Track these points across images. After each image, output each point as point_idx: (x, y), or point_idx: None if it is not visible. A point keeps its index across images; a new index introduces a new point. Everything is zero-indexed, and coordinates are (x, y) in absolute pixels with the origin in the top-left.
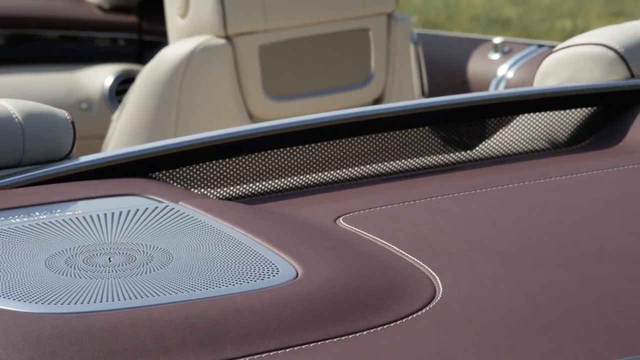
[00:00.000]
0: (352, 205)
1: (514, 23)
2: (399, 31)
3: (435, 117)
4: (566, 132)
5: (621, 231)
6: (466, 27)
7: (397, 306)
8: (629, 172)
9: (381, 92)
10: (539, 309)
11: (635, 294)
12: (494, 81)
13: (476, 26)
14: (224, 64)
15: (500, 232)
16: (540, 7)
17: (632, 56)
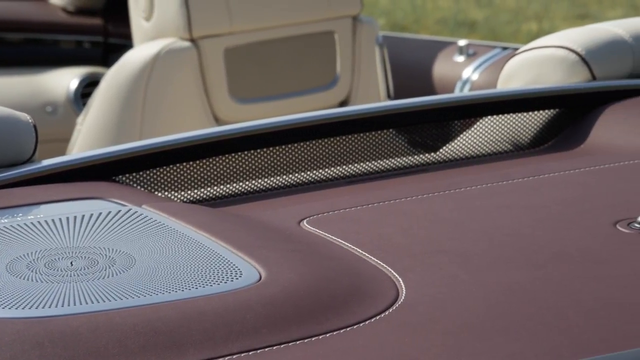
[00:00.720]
0: (316, 208)
1: (481, 25)
2: (364, 34)
3: (400, 120)
4: (529, 134)
5: (583, 232)
6: (433, 30)
7: (360, 308)
8: (590, 174)
9: (347, 94)
10: (501, 311)
11: (597, 295)
12: (459, 83)
13: (443, 29)
14: (189, 67)
15: (463, 234)
16: (507, 10)
17: (593, 58)
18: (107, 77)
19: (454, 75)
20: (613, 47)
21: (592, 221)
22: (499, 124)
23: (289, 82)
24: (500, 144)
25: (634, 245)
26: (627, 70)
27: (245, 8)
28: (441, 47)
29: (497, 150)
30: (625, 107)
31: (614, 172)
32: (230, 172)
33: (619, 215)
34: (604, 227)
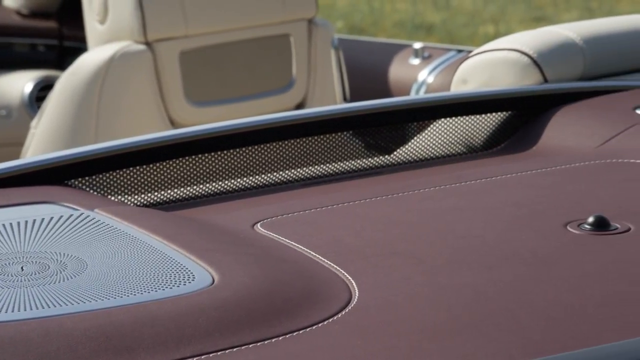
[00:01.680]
0: (270, 211)
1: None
2: (319, 36)
3: (356, 122)
4: (482, 136)
5: (534, 234)
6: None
7: (312, 311)
8: (542, 176)
9: (303, 97)
10: (453, 312)
11: (547, 295)
12: (415, 86)
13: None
14: (144, 70)
15: (416, 236)
16: (464, 13)
17: (545, 61)
18: (61, 81)
19: (410, 78)
20: (564, 50)
21: (543, 223)
22: (453, 127)
23: (245, 85)
24: (453, 146)
25: (583, 247)
26: (578, 73)
27: (201, 11)
28: (397, 50)
29: (451, 153)
30: (577, 109)
31: (565, 173)
32: (185, 175)
33: (569, 216)
34: (555, 229)
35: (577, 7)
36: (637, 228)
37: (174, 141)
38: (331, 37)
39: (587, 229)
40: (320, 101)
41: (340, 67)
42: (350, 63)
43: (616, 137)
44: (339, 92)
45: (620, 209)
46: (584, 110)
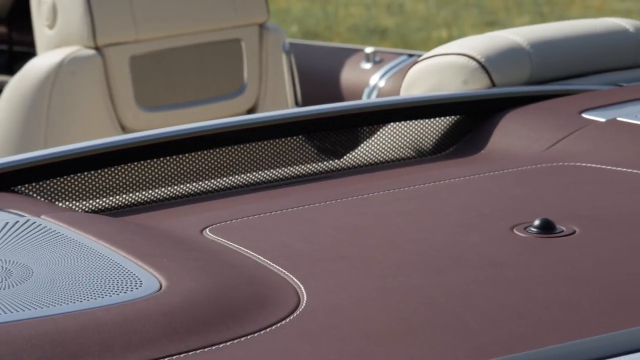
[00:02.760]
0: (219, 216)
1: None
2: (271, 41)
3: (307, 127)
4: (431, 140)
5: (481, 237)
6: (345, 37)
7: (261, 316)
8: (489, 179)
9: (254, 102)
10: (401, 315)
11: (493, 298)
12: (367, 90)
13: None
14: (94, 75)
15: (364, 240)
16: (417, 17)
17: (492, 65)
18: (9, 86)
19: (362, 82)
20: (511, 54)
21: (490, 226)
22: (402, 131)
23: (196, 90)
24: (403, 150)
25: (529, 250)
26: (525, 77)
27: (151, 16)
28: (348, 55)
29: (400, 157)
30: (524, 113)
31: (512, 177)
32: (135, 180)
33: (516, 219)
34: (502, 232)
35: (529, 12)
36: (582, 231)
37: (123, 146)
38: (282, 41)
39: (533, 232)
40: (272, 106)
41: (291, 72)
42: (302, 67)
43: (562, 140)
44: (291, 96)
45: (566, 212)
46: (531, 114)
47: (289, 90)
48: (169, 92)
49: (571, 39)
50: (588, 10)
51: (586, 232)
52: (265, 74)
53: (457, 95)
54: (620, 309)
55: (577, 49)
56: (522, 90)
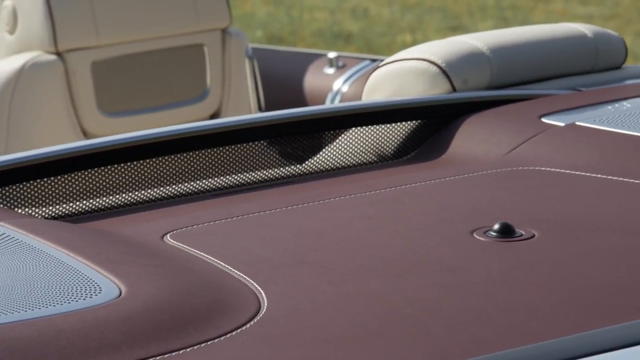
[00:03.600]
0: (180, 222)
1: (356, 37)
2: (233, 46)
3: (270, 131)
4: (392, 145)
5: (441, 241)
6: (310, 42)
7: (221, 322)
8: (450, 184)
9: (218, 107)
10: (361, 320)
11: (453, 302)
12: (330, 95)
13: (320, 40)
14: (55, 81)
15: (325, 245)
16: (381, 22)
17: (453, 70)
18: None
19: (325, 87)
20: (472, 59)
21: (451, 230)
22: (364, 136)
23: (159, 95)
24: (365, 155)
25: (489, 253)
26: (485, 82)
27: (113, 21)
28: (312, 60)
29: (362, 161)
30: (484, 117)
31: (472, 181)
32: (96, 186)
33: (476, 223)
34: (462, 236)
35: (493, 17)
36: (541, 235)
37: (84, 152)
38: (245, 46)
39: (492, 236)
40: (235, 111)
41: (254, 77)
42: (266, 72)
43: (522, 145)
44: (254, 101)
45: (525, 215)
46: (491, 119)
47: (252, 95)
48: (132, 98)
49: (531, 44)
50: (551, 15)
51: (545, 236)
52: (228, 79)
53: (418, 100)
54: (578, 313)
55: (537, 54)
56: (482, 95)
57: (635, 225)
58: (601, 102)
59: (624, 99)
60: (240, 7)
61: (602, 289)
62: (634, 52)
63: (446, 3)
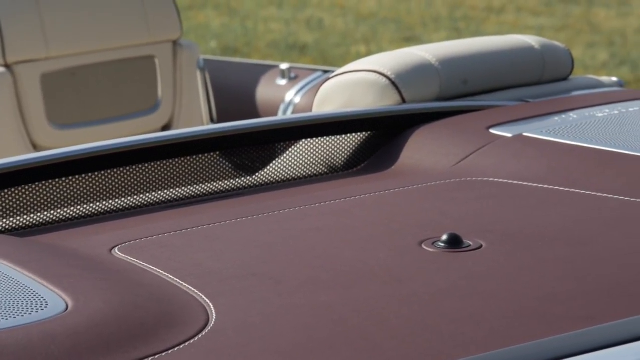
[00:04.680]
0: (129, 235)
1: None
2: (185, 58)
3: (222, 143)
4: (343, 157)
5: (390, 253)
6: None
7: (169, 335)
8: (399, 195)
9: (169, 118)
10: (310, 332)
11: (401, 313)
12: (282, 106)
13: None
14: (3, 93)
15: (274, 257)
16: (336, 33)
17: (402, 82)
18: None
19: (277, 99)
20: (421, 71)
21: (399, 241)
22: (315, 147)
23: (110, 107)
24: (315, 166)
25: (437, 264)
26: (434, 93)
27: (62, 33)
28: (264, 71)
29: (313, 173)
30: (433, 129)
31: (421, 192)
32: (44, 199)
33: (424, 235)
34: (410, 247)
35: (446, 28)
36: (489, 245)
37: (32, 165)
38: (197, 58)
39: (441, 247)
40: (187, 122)
41: (206, 88)
42: (218, 84)
43: (470, 156)
44: (206, 113)
45: (473, 226)
46: (440, 130)
47: (204, 107)
48: (82, 110)
49: (479, 55)
50: (503, 26)
51: (492, 247)
52: (179, 91)
53: (368, 111)
54: (525, 322)
55: (485, 65)
56: (431, 106)
57: (581, 235)
58: (548, 114)
59: (571, 110)
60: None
61: (548, 298)
62: (584, 63)
63: (400, 14)
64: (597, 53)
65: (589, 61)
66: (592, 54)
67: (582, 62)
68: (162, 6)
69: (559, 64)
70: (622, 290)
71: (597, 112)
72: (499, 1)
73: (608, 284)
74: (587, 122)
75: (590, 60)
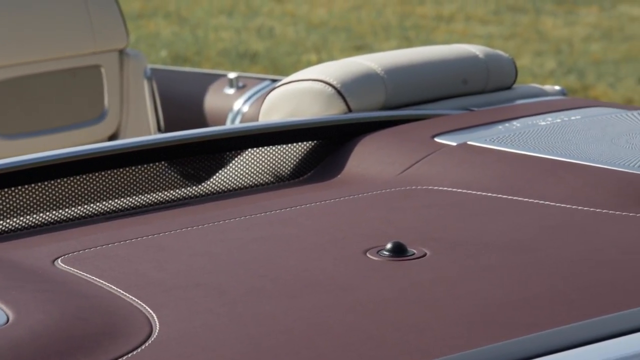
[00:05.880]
0: (72, 246)
1: (262, 57)
2: (131, 67)
3: (169, 153)
4: (289, 166)
5: (334, 261)
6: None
7: (112, 347)
8: (344, 204)
9: (116, 128)
10: (254, 342)
11: (345, 322)
12: (230, 115)
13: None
14: None
15: (218, 267)
16: (287, 42)
17: (348, 91)
18: None
19: (225, 108)
20: (366, 80)
21: (344, 250)
22: (261, 156)
23: (56, 117)
24: (262, 175)
25: (382, 273)
26: (380, 103)
27: (6, 42)
28: (212, 80)
29: (259, 182)
30: (379, 138)
31: (366, 201)
32: None
33: (369, 243)
34: (355, 256)
35: (396, 37)
36: (433, 253)
37: None
38: (144, 67)
39: (385, 256)
40: (134, 132)
41: (153, 98)
42: (167, 93)
43: (415, 164)
44: (153, 122)
45: (418, 235)
46: (385, 139)
47: (151, 117)
48: (28, 120)
49: (424, 65)
50: (452, 35)
51: (436, 255)
52: (126, 100)
53: (314, 120)
54: (469, 330)
55: (430, 74)
56: (377, 115)
57: (524, 243)
58: (492, 122)
59: (514, 118)
60: (145, 27)
61: (491, 306)
62: (532, 71)
63: (350, 23)
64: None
65: (536, 69)
66: (540, 62)
67: (530, 71)
68: (107, 15)
69: (503, 73)
70: (564, 297)
71: (540, 121)
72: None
73: (550, 291)
74: (530, 130)
75: (538, 68)
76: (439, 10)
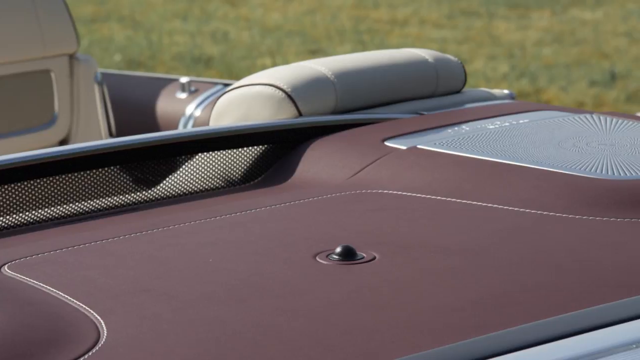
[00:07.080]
0: (18, 252)
1: (217, 61)
2: (82, 72)
3: (119, 157)
4: (239, 170)
5: (284, 265)
6: (170, 66)
7: (59, 353)
8: (294, 208)
9: (66, 133)
10: (203, 347)
11: (295, 326)
12: (183, 120)
13: (180, 64)
14: None
15: (167, 272)
16: (242, 46)
17: (298, 95)
18: None
19: (177, 112)
20: (317, 84)
21: (294, 254)
22: (212, 161)
23: (5, 122)
24: (212, 180)
25: (331, 277)
26: (330, 107)
27: None
28: (164, 84)
29: (210, 187)
30: (329, 142)
31: (316, 205)
32: None
33: (319, 247)
34: (304, 260)
35: (350, 40)
36: (382, 257)
37: None
38: (94, 72)
39: (335, 259)
40: (85, 137)
41: (104, 102)
42: (118, 98)
43: (365, 168)
44: (104, 127)
45: (367, 238)
46: (336, 143)
47: (102, 121)
48: None
49: (374, 69)
50: (407, 39)
51: (385, 258)
52: (77, 105)
53: (264, 125)
54: (417, 333)
55: (380, 78)
56: (327, 119)
57: (472, 246)
58: (442, 126)
59: (464, 122)
60: (98, 31)
61: (440, 309)
62: (485, 75)
63: (305, 27)
64: (498, 65)
65: (490, 73)
66: (493, 66)
67: (483, 74)
68: (57, 20)
69: (452, 77)
70: (511, 299)
71: (489, 124)
72: (403, 14)
73: (498, 293)
74: (479, 134)
75: (491, 72)
76: (393, 15)
